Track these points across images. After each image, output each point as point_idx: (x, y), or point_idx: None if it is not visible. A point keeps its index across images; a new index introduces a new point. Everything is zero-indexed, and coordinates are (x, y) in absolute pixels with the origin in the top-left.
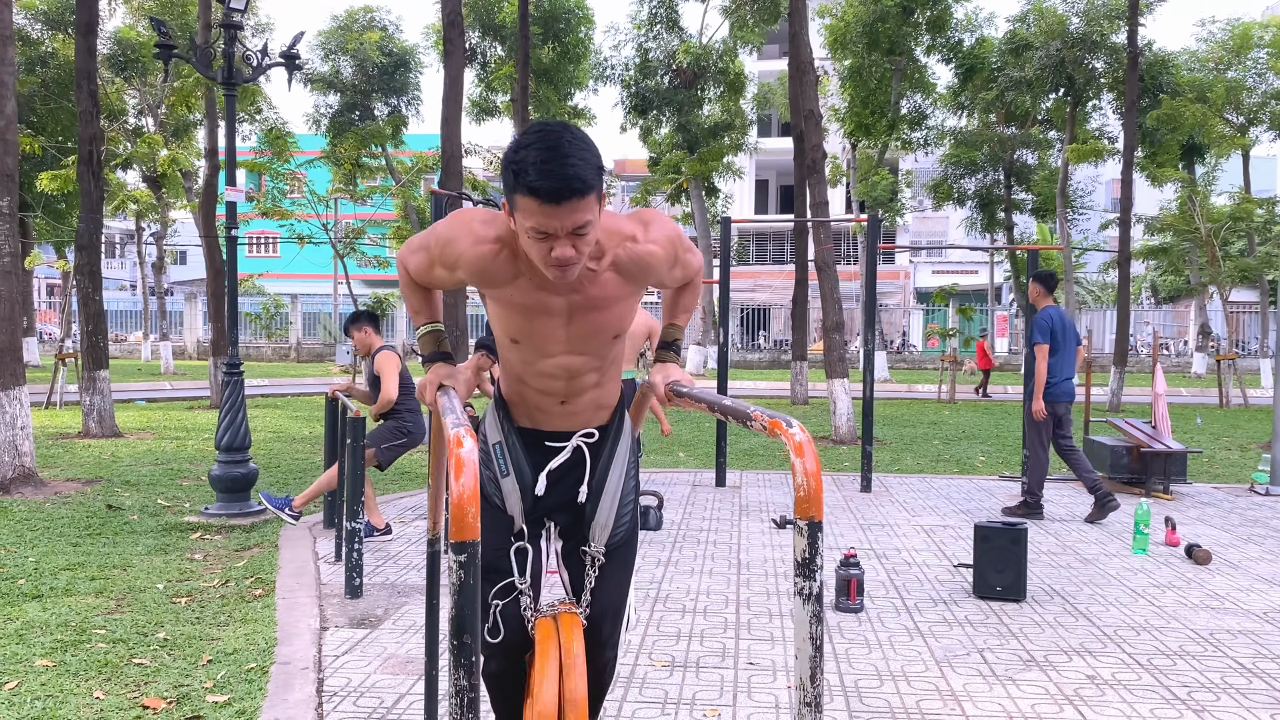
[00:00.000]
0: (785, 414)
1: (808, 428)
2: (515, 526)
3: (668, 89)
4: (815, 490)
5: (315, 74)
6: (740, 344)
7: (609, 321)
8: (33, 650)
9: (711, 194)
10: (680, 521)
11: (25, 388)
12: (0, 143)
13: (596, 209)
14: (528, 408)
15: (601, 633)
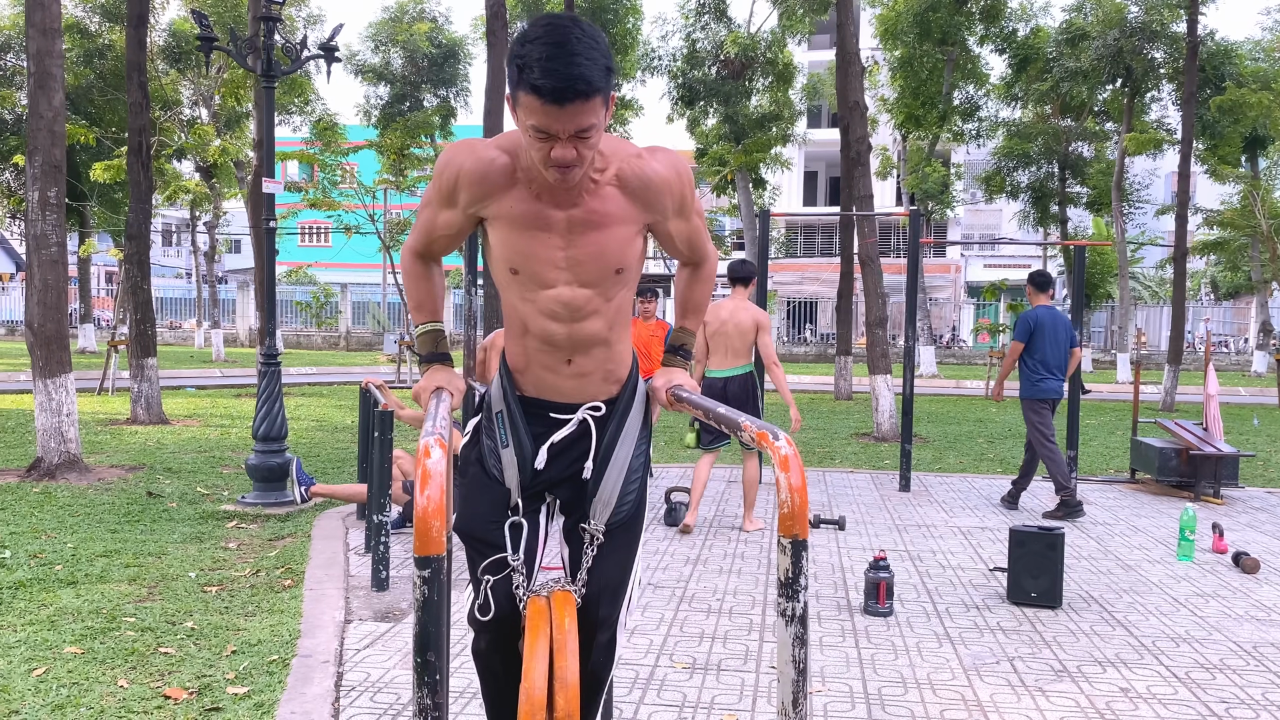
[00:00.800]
0: (775, 426)
1: (851, 425)
2: (511, 500)
3: (715, 80)
4: (800, 507)
5: (366, 65)
6: (786, 337)
7: (609, 245)
8: (63, 637)
9: (759, 186)
10: (712, 518)
11: (71, 375)
12: (49, 134)
13: (603, 112)
14: (533, 371)
15: (598, 611)
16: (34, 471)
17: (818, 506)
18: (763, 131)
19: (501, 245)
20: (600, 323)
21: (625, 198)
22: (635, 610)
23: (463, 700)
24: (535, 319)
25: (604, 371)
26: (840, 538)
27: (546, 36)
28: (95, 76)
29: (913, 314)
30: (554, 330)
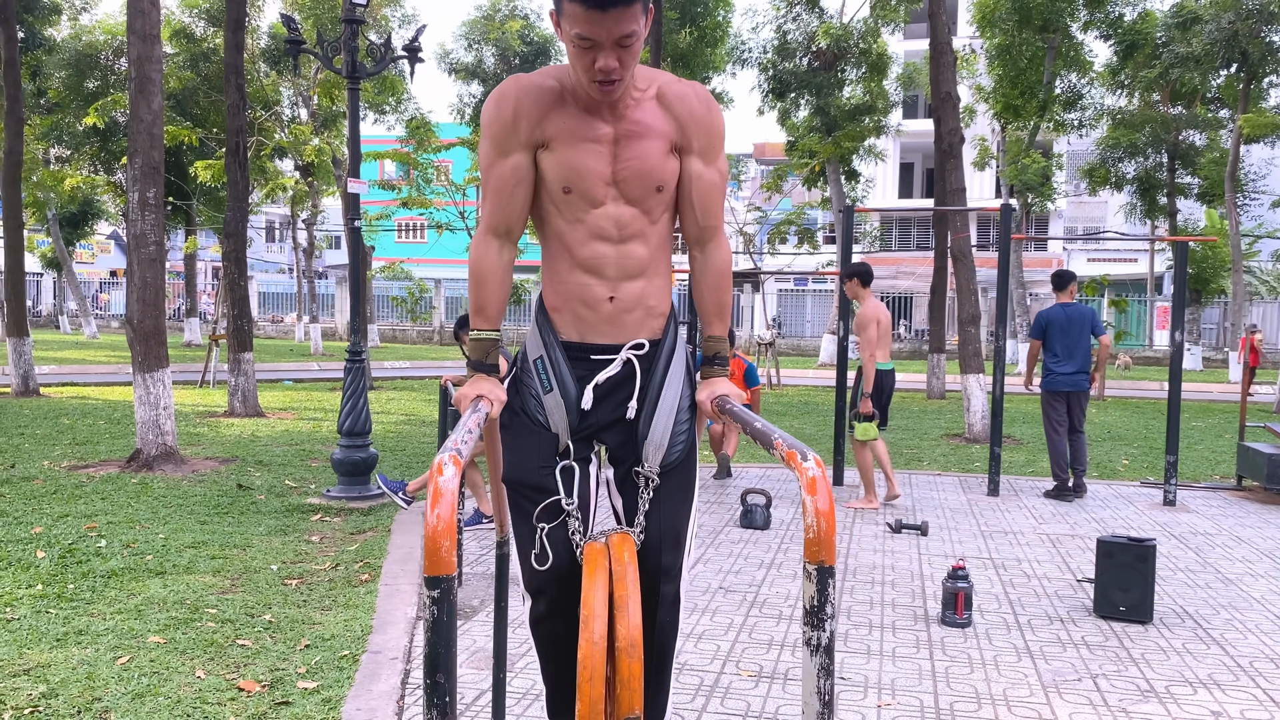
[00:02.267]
0: (805, 445)
1: (942, 425)
2: (561, 444)
3: (806, 71)
4: (827, 532)
5: (459, 64)
6: None
7: (650, 157)
8: (148, 626)
9: (852, 178)
10: (790, 521)
11: (169, 370)
12: (147, 137)
13: (643, 20)
14: (573, 311)
15: (660, 559)
16: (133, 462)
17: (901, 511)
18: (855, 123)
19: (556, 167)
20: (643, 248)
21: (662, 111)
22: (697, 612)
23: (525, 702)
24: (584, 244)
25: (644, 308)
26: (922, 544)
27: None
28: (200, 79)
29: (1004, 311)
30: (602, 253)
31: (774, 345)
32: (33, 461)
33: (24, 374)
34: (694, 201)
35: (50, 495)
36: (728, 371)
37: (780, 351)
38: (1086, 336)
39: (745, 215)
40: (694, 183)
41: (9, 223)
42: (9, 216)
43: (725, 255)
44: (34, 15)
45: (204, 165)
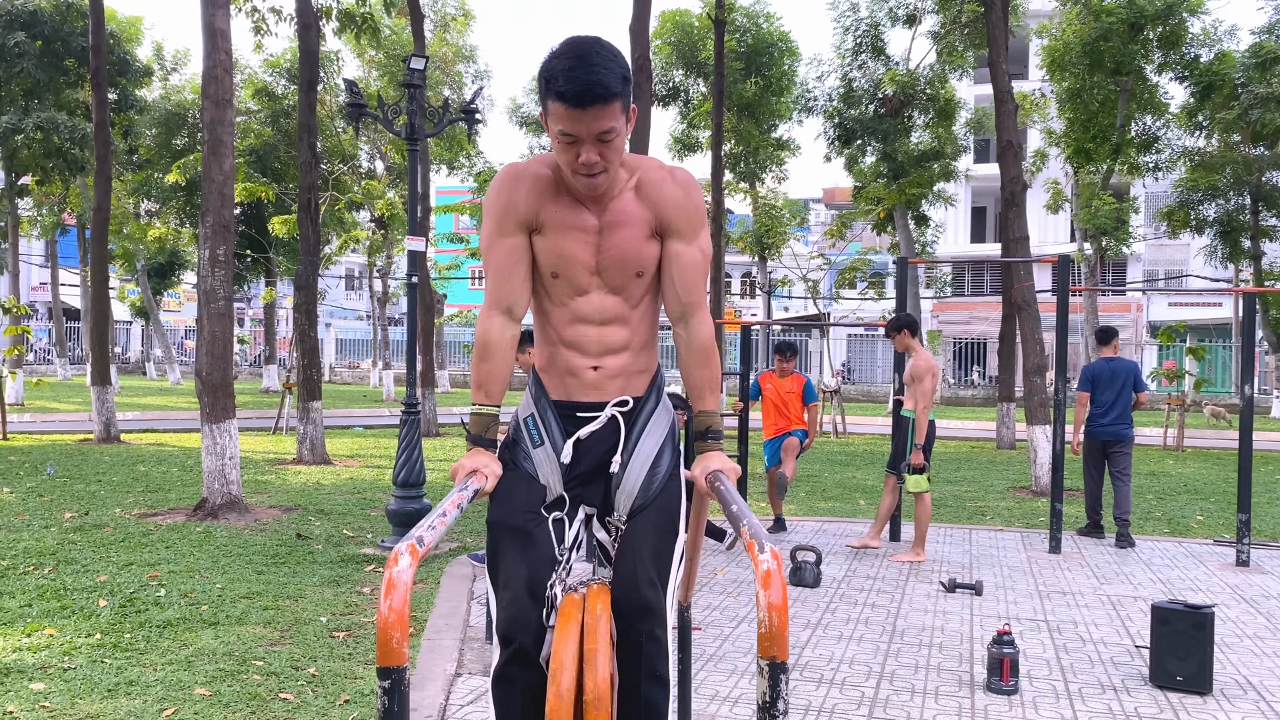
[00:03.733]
0: (768, 537)
1: (1010, 477)
2: (552, 495)
3: (872, 118)
4: (779, 627)
5: (529, 117)
6: (953, 380)
7: (630, 246)
8: (196, 678)
9: (921, 223)
10: (842, 579)
11: (234, 420)
12: (219, 196)
13: (622, 119)
14: (560, 375)
15: (635, 601)
16: (199, 511)
17: (958, 568)
18: (921, 169)
19: (545, 252)
20: (624, 329)
21: (640, 200)
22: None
23: None
24: (568, 325)
25: (626, 375)
26: (975, 604)
27: (569, 51)
28: (279, 135)
29: (1062, 363)
30: (584, 333)
31: (839, 392)
32: (106, 509)
33: (106, 421)
34: (675, 279)
35: (118, 543)
36: (721, 445)
37: (848, 398)
38: (1129, 391)
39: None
40: (674, 262)
41: (95, 276)
42: (96, 270)
43: (708, 330)
44: (127, 78)
45: (280, 220)
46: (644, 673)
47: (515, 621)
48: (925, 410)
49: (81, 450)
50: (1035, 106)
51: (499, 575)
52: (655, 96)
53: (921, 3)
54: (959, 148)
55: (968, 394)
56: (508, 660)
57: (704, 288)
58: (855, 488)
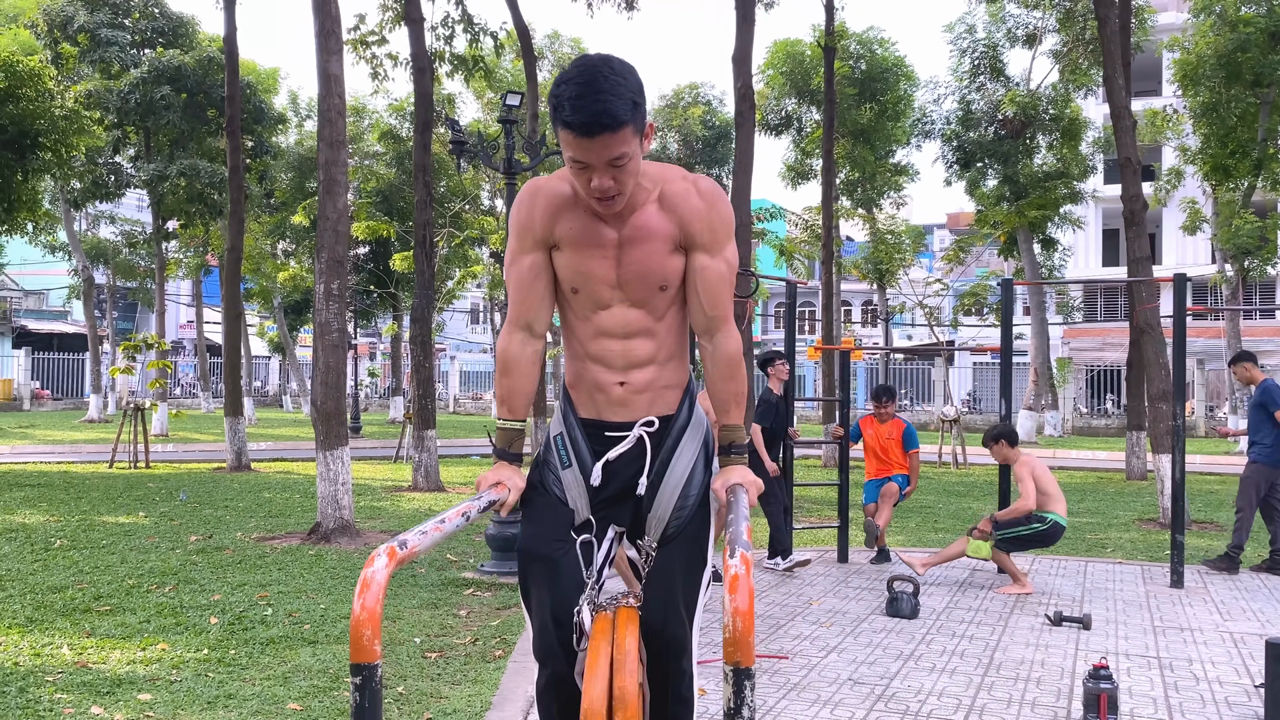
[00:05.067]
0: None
1: (1137, 508)
2: (579, 518)
3: (992, 140)
4: (743, 632)
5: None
6: (1085, 409)
7: (652, 260)
8: (290, 693)
9: (1048, 246)
10: (943, 610)
11: (347, 448)
12: (333, 233)
13: (635, 142)
14: (588, 391)
15: (663, 631)
16: (313, 535)
17: (1068, 602)
18: (1044, 191)
19: (565, 268)
20: (649, 342)
21: (663, 213)
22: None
23: None
24: (592, 340)
25: (654, 391)
26: (1082, 638)
27: (577, 77)
28: (404, 176)
29: (1181, 389)
30: (608, 347)
31: (959, 421)
32: (228, 532)
33: (238, 450)
34: (699, 292)
35: (235, 564)
36: (744, 459)
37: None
38: None
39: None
40: (699, 275)
41: (228, 312)
42: (229, 307)
43: (735, 344)
44: (262, 125)
45: (400, 257)
46: (670, 697)
47: (545, 649)
48: (1024, 503)
49: (214, 478)
50: (1168, 123)
51: (530, 602)
52: (768, 126)
53: (1042, 22)
54: (1086, 168)
55: (1101, 423)
56: (545, 682)
57: (729, 301)
58: (970, 518)
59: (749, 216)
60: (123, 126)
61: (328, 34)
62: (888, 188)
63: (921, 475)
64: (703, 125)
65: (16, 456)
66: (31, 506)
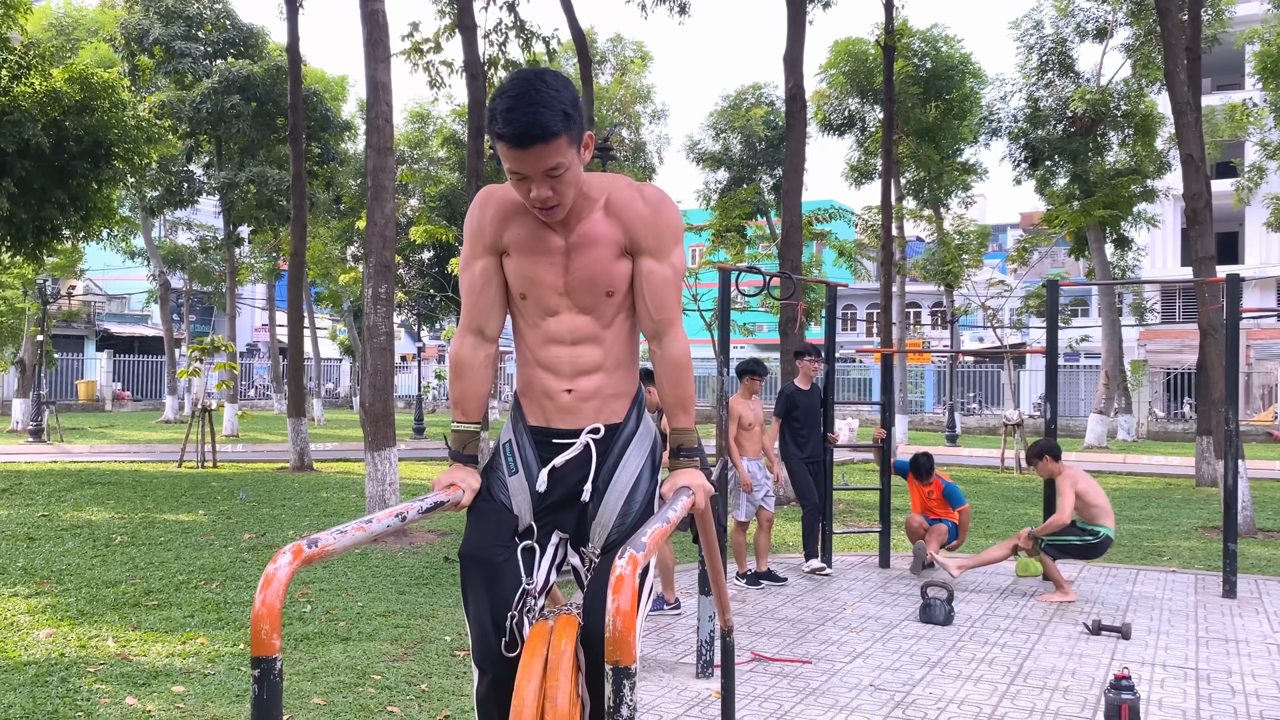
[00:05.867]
0: (640, 547)
1: (1203, 515)
2: (523, 524)
3: (1061, 138)
4: (623, 631)
5: (705, 153)
6: (1162, 412)
7: (598, 266)
8: (317, 688)
9: (1122, 245)
10: (979, 617)
11: (395, 448)
12: (381, 239)
13: (570, 152)
14: (537, 398)
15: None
16: None
17: (1111, 610)
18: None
19: (514, 274)
20: (597, 349)
21: (609, 219)
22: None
23: None
24: (541, 346)
25: (601, 398)
26: (1119, 648)
27: (511, 90)
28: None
29: (1234, 393)
30: (556, 354)
31: (1022, 425)
32: (281, 530)
33: (300, 450)
34: (646, 297)
35: None
36: (695, 463)
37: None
38: None
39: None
40: (645, 279)
41: (292, 315)
42: (292, 310)
43: (682, 347)
44: (328, 133)
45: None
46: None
47: (483, 654)
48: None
49: (276, 477)
50: (1249, 117)
51: (469, 608)
52: (830, 126)
53: (1112, 15)
54: (1162, 164)
55: (1178, 428)
56: (485, 690)
57: (677, 305)
58: (1024, 524)
59: (799, 218)
60: (195, 135)
61: (375, 42)
62: (955, 187)
63: (976, 479)
64: (765, 125)
65: (94, 456)
66: (99, 504)
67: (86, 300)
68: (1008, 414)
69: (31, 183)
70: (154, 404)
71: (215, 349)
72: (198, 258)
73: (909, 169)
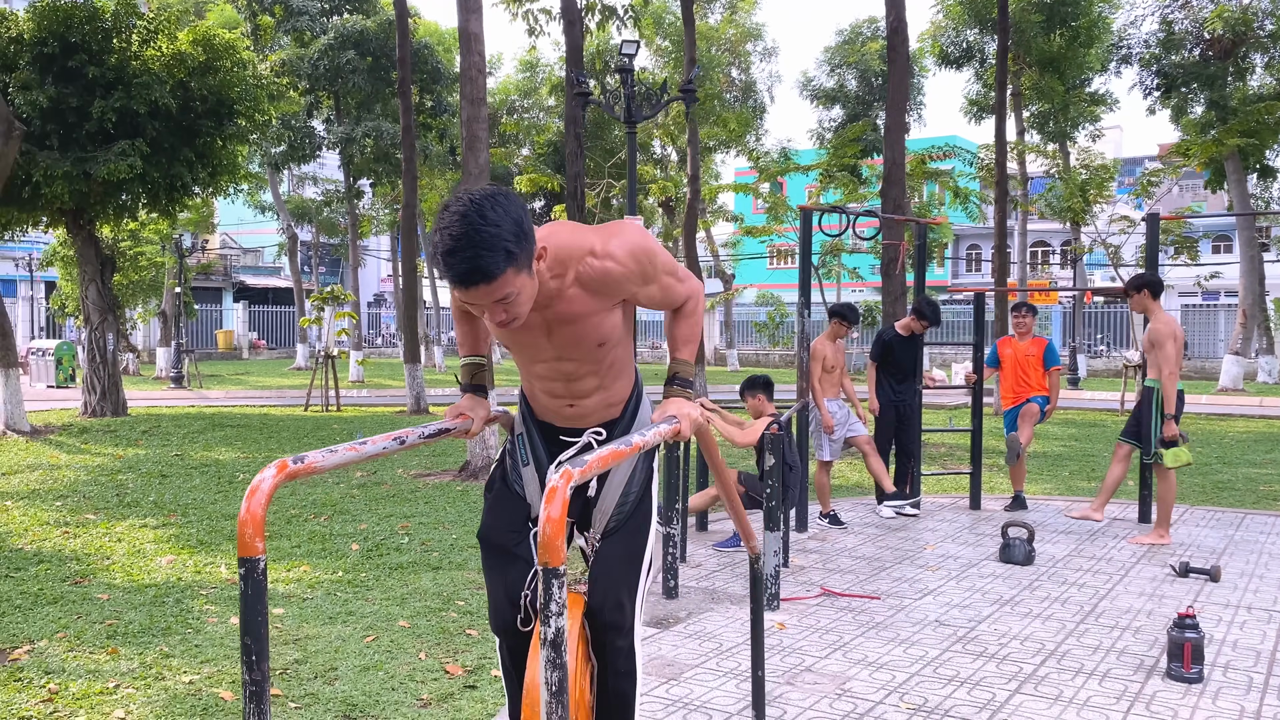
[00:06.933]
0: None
1: None
2: (534, 512)
3: (1197, 63)
4: (550, 537)
5: (820, 90)
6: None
7: (587, 333)
8: (403, 612)
9: (1265, 175)
10: (1062, 558)
11: (493, 391)
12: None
13: (516, 280)
14: (540, 401)
15: (604, 615)
16: (463, 472)
17: (1206, 554)
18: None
19: (498, 334)
20: (594, 380)
21: (589, 295)
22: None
23: (701, 713)
24: (537, 381)
25: (605, 405)
26: (1205, 590)
27: (449, 228)
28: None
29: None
30: (554, 388)
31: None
32: (390, 469)
33: (416, 395)
34: (657, 304)
35: (389, 498)
36: (686, 392)
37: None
38: None
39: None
40: (647, 300)
41: (405, 265)
42: (405, 260)
43: (692, 305)
44: (441, 85)
45: (561, 209)
46: (610, 670)
47: (500, 625)
48: (1172, 378)
49: (394, 420)
50: None
51: (487, 584)
52: (947, 59)
53: None
54: None
55: None
56: (504, 657)
57: (679, 289)
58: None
59: (902, 155)
60: (315, 92)
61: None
62: (1083, 119)
63: (1092, 423)
64: (881, 60)
65: (228, 400)
66: (228, 445)
67: (223, 254)
68: (1128, 355)
69: (162, 142)
70: (287, 352)
71: (335, 299)
72: (323, 211)
73: (1032, 102)
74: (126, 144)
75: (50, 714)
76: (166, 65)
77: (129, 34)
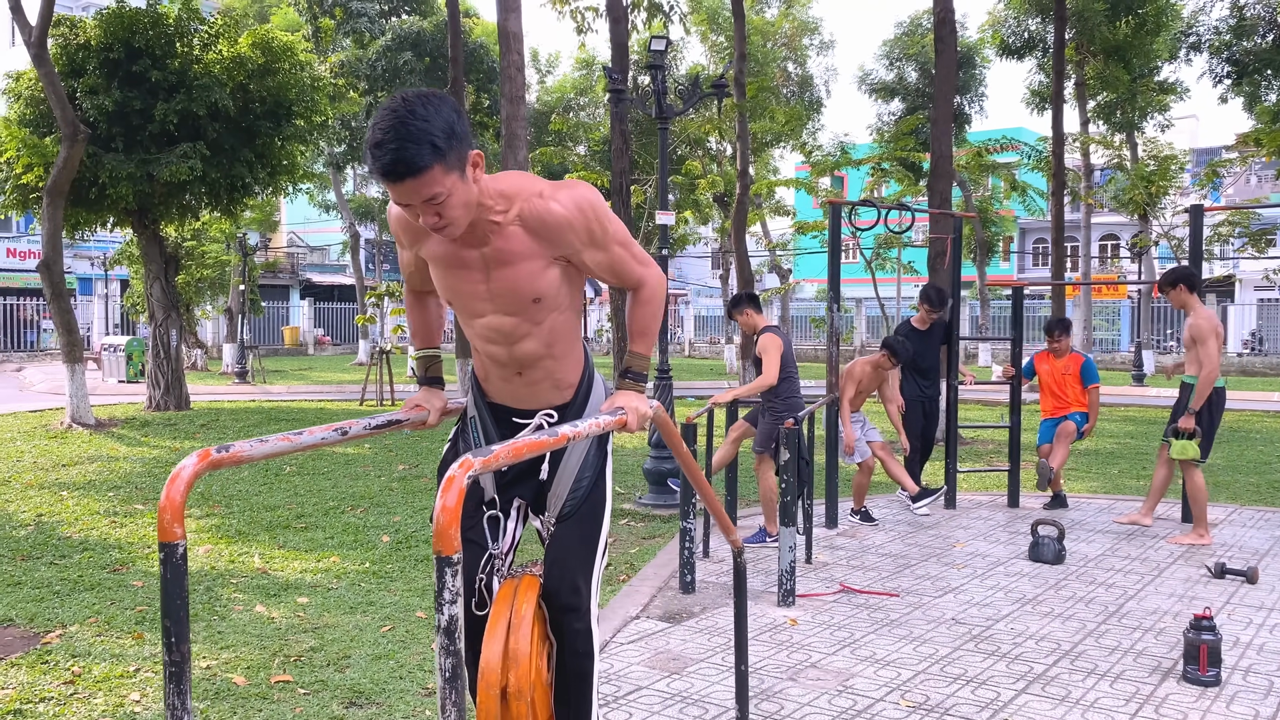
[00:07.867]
0: (485, 452)
1: None
2: (487, 496)
3: (1270, 49)
4: (444, 526)
5: (879, 83)
6: None
7: (521, 279)
8: (423, 603)
9: None
10: (1095, 558)
11: None
12: None
13: (446, 179)
14: (492, 381)
15: (561, 600)
16: None
17: (1247, 554)
18: None
19: (437, 281)
20: (535, 343)
21: (528, 235)
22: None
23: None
24: (478, 341)
25: (553, 380)
26: (1240, 592)
27: (380, 122)
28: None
29: None
30: (495, 351)
31: None
32: (432, 462)
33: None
34: (608, 277)
35: (426, 491)
36: (638, 386)
37: (1255, 371)
38: None
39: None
40: (595, 266)
41: None
42: None
43: (651, 291)
44: (496, 84)
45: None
46: (568, 650)
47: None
48: (1211, 375)
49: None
50: None
51: None
52: (1008, 49)
53: None
54: None
55: None
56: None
57: (636, 263)
58: None
59: (949, 148)
60: (374, 92)
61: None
62: (1151, 109)
63: (1152, 420)
64: None
65: (289, 395)
66: None
67: (290, 252)
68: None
69: (222, 143)
70: (351, 348)
71: (392, 295)
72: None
73: (1097, 92)
74: (188, 146)
75: (70, 695)
76: (227, 68)
77: (191, 38)
